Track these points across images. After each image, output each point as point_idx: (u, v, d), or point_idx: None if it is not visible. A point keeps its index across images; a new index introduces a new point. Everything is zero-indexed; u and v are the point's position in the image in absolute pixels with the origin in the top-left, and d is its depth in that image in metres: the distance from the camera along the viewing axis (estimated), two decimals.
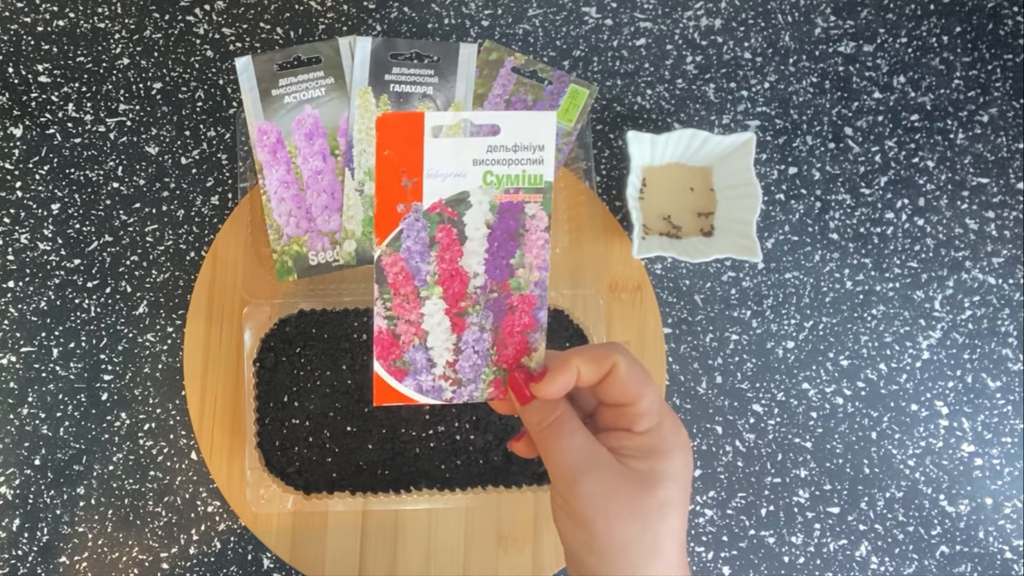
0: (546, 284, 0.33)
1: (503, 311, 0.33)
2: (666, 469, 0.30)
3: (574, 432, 0.31)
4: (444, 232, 0.32)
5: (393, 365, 0.34)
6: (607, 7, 0.62)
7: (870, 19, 0.62)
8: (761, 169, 0.60)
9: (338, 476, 0.52)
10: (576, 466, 0.30)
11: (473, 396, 0.34)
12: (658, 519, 0.29)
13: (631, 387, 0.31)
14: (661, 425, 0.31)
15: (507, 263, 0.33)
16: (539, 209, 0.32)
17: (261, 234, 0.55)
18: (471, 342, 0.33)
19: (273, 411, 0.53)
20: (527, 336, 0.34)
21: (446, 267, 0.33)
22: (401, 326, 0.33)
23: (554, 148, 0.32)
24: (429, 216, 0.32)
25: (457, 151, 0.31)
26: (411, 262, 0.33)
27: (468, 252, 0.33)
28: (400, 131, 0.31)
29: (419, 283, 0.33)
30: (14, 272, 0.57)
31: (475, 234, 0.32)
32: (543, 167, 0.32)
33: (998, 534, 0.56)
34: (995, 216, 0.60)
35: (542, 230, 0.33)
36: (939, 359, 0.58)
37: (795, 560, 0.55)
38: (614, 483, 0.30)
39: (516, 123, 0.31)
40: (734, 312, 0.58)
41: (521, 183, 0.32)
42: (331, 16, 0.61)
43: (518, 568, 0.53)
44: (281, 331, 0.53)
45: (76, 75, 0.60)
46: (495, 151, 0.31)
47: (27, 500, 0.55)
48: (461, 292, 0.33)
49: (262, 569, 0.54)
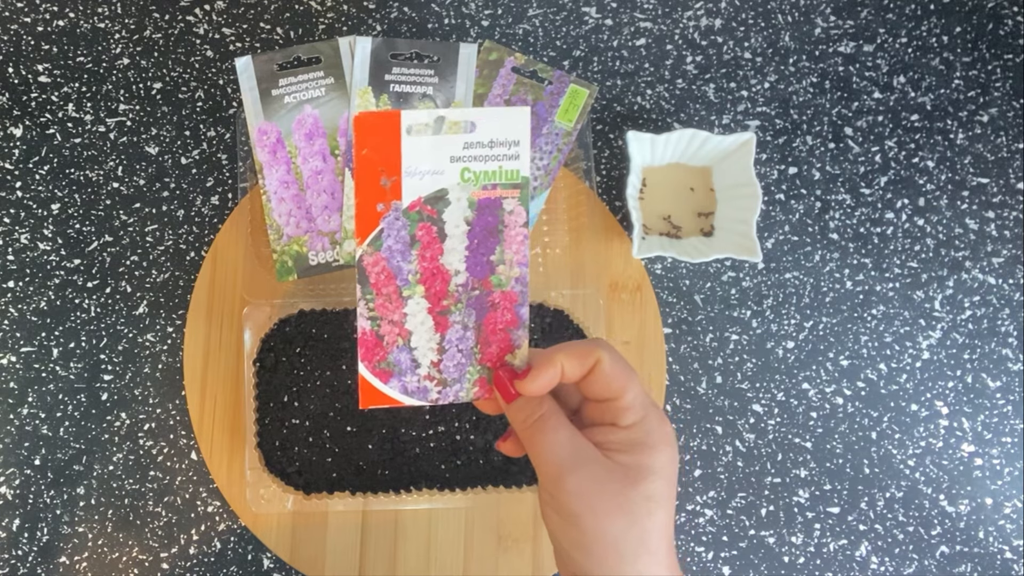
0: (527, 280, 0.33)
1: (485, 308, 0.33)
2: (652, 463, 0.30)
3: (559, 428, 0.31)
4: (424, 230, 0.32)
5: (378, 367, 0.34)
6: (607, 7, 0.62)
7: (870, 19, 0.62)
8: (761, 169, 0.60)
9: (338, 476, 0.52)
10: (562, 462, 0.30)
11: (459, 396, 0.34)
12: (645, 513, 0.29)
13: (615, 382, 0.31)
14: (646, 419, 0.31)
15: (487, 260, 0.33)
16: (517, 205, 0.33)
17: (261, 234, 0.55)
18: (455, 341, 0.33)
19: (273, 411, 0.53)
20: (510, 333, 0.34)
21: (427, 265, 0.33)
22: (384, 326, 0.33)
23: (529, 143, 0.32)
24: (409, 214, 0.32)
25: (434, 148, 0.31)
26: (392, 261, 0.33)
27: (448, 250, 0.33)
28: (377, 130, 0.31)
29: (401, 282, 0.33)
30: (14, 272, 0.57)
31: (455, 231, 0.32)
32: (519, 162, 0.32)
33: (998, 534, 0.56)
34: (995, 216, 0.60)
35: (520, 225, 0.33)
36: (939, 359, 0.58)
37: (795, 560, 0.55)
38: (600, 478, 0.30)
39: (491, 119, 0.31)
40: (734, 312, 0.58)
41: (498, 179, 0.32)
42: (331, 16, 0.61)
43: (518, 568, 0.53)
44: (281, 331, 0.53)
45: (76, 75, 0.60)
46: (471, 148, 0.32)
47: (27, 500, 0.55)
48: (443, 290, 0.33)
49: (262, 569, 0.54)
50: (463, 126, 0.32)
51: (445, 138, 0.31)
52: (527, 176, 0.32)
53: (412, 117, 0.31)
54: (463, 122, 0.32)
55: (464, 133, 0.31)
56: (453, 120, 0.34)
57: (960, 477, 0.56)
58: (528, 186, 0.33)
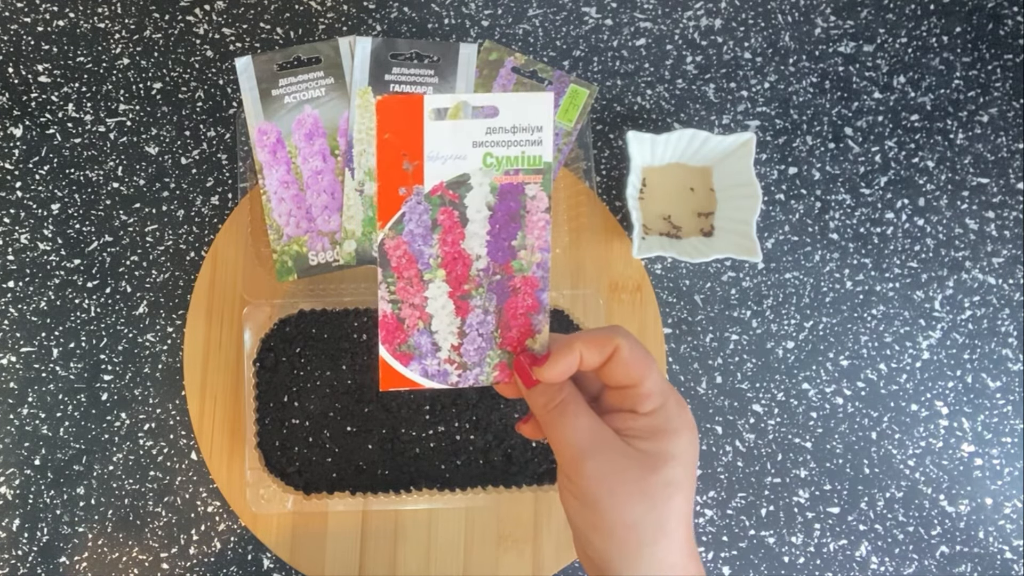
0: (548, 265, 0.33)
1: (506, 293, 0.33)
2: (672, 449, 0.30)
3: (579, 414, 0.31)
4: (446, 215, 0.32)
5: (398, 349, 0.34)
6: (607, 7, 0.62)
7: (870, 19, 0.62)
8: (761, 169, 0.60)
9: (338, 476, 0.52)
10: (582, 447, 0.30)
11: (478, 380, 0.34)
12: (665, 499, 0.30)
13: (634, 369, 0.31)
14: (665, 405, 0.31)
15: (509, 245, 0.33)
16: (539, 190, 0.32)
17: (261, 234, 0.55)
18: (475, 325, 0.33)
19: (273, 411, 0.53)
20: (530, 318, 0.34)
21: (448, 250, 0.33)
22: (405, 310, 0.33)
23: (552, 129, 0.32)
24: (431, 199, 0.32)
25: (457, 133, 0.31)
26: (414, 245, 0.33)
27: (470, 234, 0.33)
28: (400, 114, 0.31)
29: (422, 266, 0.33)
30: (14, 272, 0.57)
31: (476, 216, 0.32)
32: (542, 148, 0.32)
33: (998, 534, 0.56)
34: (995, 216, 0.60)
35: (543, 211, 0.33)
36: (939, 359, 0.58)
37: (795, 560, 0.55)
38: (620, 463, 0.30)
39: (514, 105, 0.31)
40: (734, 312, 0.58)
41: (520, 164, 0.32)
42: (331, 16, 0.61)
43: (518, 568, 0.53)
44: (281, 331, 0.53)
45: (76, 75, 0.60)
46: (494, 133, 0.32)
47: (27, 500, 0.55)
48: (464, 275, 0.33)
49: (262, 569, 0.54)
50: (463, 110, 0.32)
51: (467, 123, 0.31)
52: (550, 161, 0.32)
53: (436, 101, 0.31)
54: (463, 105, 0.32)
55: (486, 118, 0.32)
56: (451, 106, 0.34)
57: (960, 477, 0.56)
58: (551, 171, 0.33)
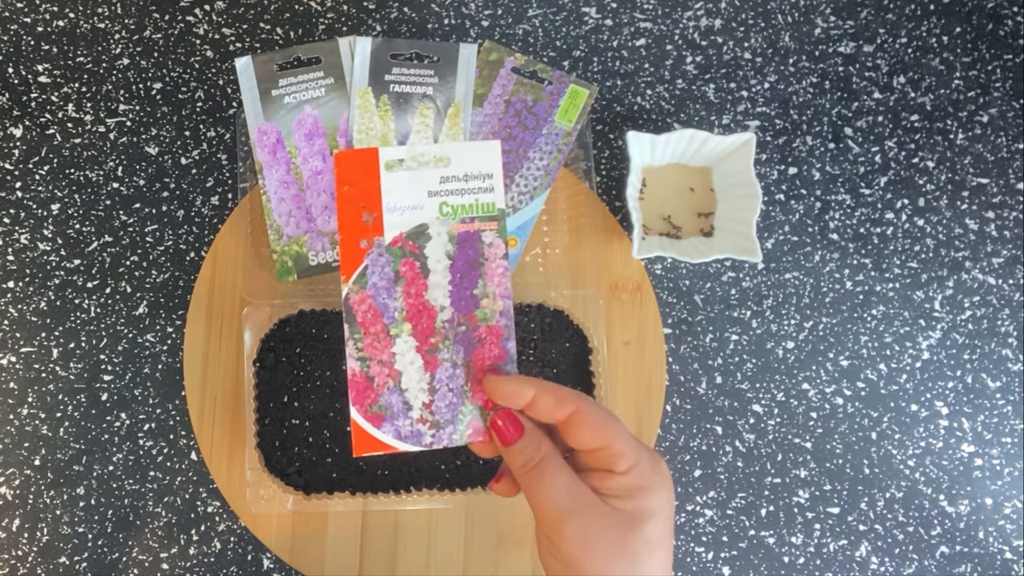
0: (511, 313, 0.33)
1: (472, 344, 0.33)
2: (650, 506, 0.31)
3: (558, 473, 0.31)
4: (408, 266, 0.33)
5: (370, 410, 0.33)
6: (607, 7, 0.62)
7: (870, 19, 0.62)
8: (761, 169, 0.60)
9: (338, 476, 0.52)
10: (562, 508, 0.30)
11: (452, 440, 0.34)
12: (646, 556, 0.30)
13: (600, 430, 0.31)
14: (640, 463, 0.31)
15: (471, 294, 0.33)
16: (495, 237, 0.33)
17: (261, 234, 0.55)
18: (445, 380, 0.33)
19: (273, 411, 0.53)
20: (499, 369, 0.34)
21: (413, 302, 0.33)
22: (374, 367, 0.33)
23: (502, 176, 0.33)
24: (392, 250, 0.32)
25: (412, 183, 0.32)
26: (379, 299, 0.33)
27: (433, 285, 0.33)
28: (356, 167, 0.32)
29: (388, 320, 0.33)
30: (14, 272, 0.57)
31: (437, 266, 0.33)
32: (494, 195, 0.33)
33: (998, 534, 0.56)
34: (995, 216, 0.60)
35: (500, 258, 0.33)
36: (939, 359, 0.58)
37: (795, 560, 0.55)
38: (600, 524, 0.30)
39: (464, 153, 0.32)
40: (734, 312, 0.58)
41: (475, 212, 0.33)
42: (331, 16, 0.61)
43: (518, 568, 0.53)
44: (281, 331, 0.53)
45: (76, 75, 0.60)
46: (448, 182, 0.32)
47: (27, 500, 0.55)
48: (430, 327, 0.33)
49: (262, 569, 0.54)
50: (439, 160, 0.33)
51: (422, 172, 0.32)
52: (503, 208, 0.33)
53: (389, 153, 0.32)
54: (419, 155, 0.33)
55: (440, 167, 0.32)
56: (436, 156, 0.35)
57: (960, 477, 0.56)
58: (504, 218, 0.33)
